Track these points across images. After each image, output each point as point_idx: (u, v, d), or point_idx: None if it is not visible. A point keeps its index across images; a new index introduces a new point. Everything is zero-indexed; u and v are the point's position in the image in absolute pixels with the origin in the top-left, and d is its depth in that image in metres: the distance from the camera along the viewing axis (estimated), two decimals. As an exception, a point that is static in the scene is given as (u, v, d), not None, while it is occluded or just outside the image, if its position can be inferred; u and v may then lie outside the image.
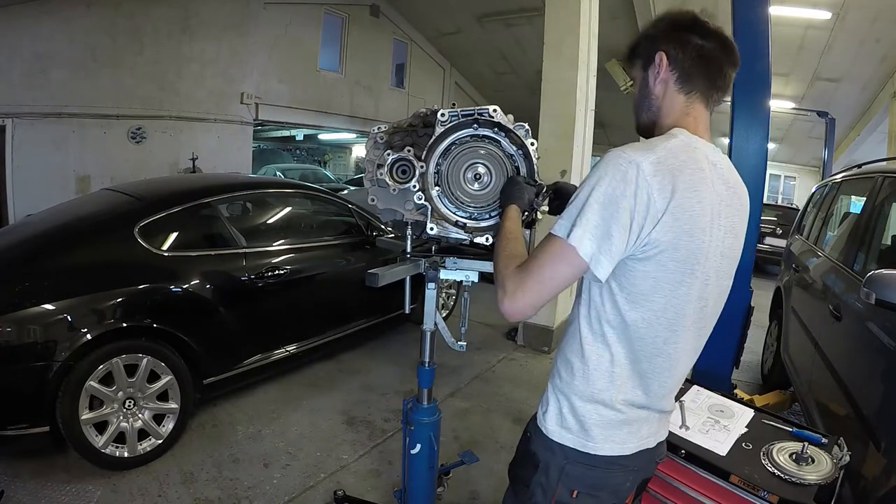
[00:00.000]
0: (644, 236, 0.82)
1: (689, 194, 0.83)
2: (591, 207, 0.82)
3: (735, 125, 2.42)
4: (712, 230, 0.88)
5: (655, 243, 0.83)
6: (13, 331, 2.12)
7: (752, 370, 4.06)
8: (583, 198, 0.84)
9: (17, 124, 6.10)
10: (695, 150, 0.89)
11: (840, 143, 10.12)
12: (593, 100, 4.40)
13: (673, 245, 0.84)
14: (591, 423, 0.93)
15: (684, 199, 0.83)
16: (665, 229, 0.82)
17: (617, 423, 0.93)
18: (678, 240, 0.84)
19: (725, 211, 0.91)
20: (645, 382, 0.93)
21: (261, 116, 8.80)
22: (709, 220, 0.87)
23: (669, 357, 0.93)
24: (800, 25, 7.21)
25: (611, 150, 0.85)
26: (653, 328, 0.89)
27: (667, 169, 0.82)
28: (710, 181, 0.88)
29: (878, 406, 1.75)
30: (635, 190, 0.80)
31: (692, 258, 0.86)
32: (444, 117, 1.32)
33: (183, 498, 2.25)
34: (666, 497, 1.52)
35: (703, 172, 0.87)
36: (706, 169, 0.88)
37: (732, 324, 2.46)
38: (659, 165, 0.82)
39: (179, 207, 2.79)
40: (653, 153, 0.83)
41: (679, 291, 0.88)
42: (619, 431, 0.94)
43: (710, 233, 0.87)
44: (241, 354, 2.89)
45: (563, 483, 0.94)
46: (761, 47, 2.39)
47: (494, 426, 3.01)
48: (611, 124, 12.40)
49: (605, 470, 0.94)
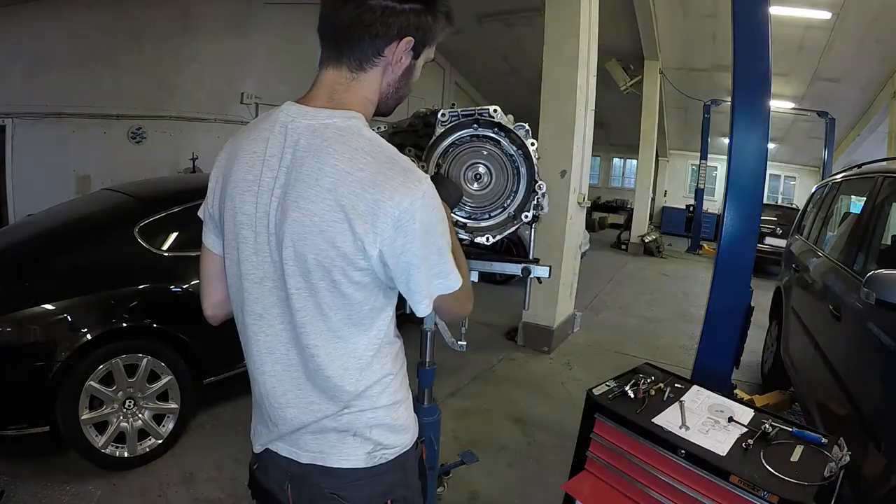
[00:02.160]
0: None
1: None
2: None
3: (735, 125, 2.42)
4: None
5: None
6: (13, 331, 2.13)
7: (752, 370, 4.06)
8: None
9: (17, 124, 6.09)
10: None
11: (840, 143, 10.11)
12: (593, 100, 4.39)
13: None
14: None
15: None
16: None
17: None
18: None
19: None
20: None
21: (261, 116, 8.81)
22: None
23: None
24: (800, 25, 7.20)
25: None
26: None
27: None
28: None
29: (878, 406, 1.76)
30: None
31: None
32: (445, 117, 1.32)
33: (183, 498, 2.25)
34: (666, 497, 1.52)
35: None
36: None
37: (732, 324, 2.46)
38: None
39: (179, 207, 2.79)
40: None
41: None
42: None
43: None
44: (242, 354, 2.88)
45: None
46: (761, 47, 2.39)
47: (494, 426, 3.00)
48: (611, 124, 12.40)
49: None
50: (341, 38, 0.80)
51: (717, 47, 8.27)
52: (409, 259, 0.77)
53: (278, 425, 0.89)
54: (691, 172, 14.30)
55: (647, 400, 1.73)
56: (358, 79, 0.82)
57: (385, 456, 0.89)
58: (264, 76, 8.65)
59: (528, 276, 1.44)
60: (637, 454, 1.60)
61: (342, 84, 0.82)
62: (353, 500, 0.87)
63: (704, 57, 8.94)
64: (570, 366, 4.03)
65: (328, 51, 0.82)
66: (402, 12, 0.78)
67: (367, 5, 0.76)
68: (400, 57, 0.82)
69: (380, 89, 0.84)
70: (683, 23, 8.23)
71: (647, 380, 1.82)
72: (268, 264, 0.82)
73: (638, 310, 5.95)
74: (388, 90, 0.85)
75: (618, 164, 16.41)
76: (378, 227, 0.74)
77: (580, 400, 1.84)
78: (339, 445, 0.87)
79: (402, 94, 0.88)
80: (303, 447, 0.88)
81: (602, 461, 1.71)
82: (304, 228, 0.76)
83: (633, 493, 1.61)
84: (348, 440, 0.86)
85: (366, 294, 0.81)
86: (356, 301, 0.81)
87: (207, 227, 0.95)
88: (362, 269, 0.78)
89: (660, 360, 3.18)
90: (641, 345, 4.69)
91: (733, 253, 2.45)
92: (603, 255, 9.44)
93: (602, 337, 4.82)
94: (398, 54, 0.81)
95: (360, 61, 0.80)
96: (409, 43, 0.80)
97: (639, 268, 8.73)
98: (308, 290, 0.79)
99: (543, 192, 1.34)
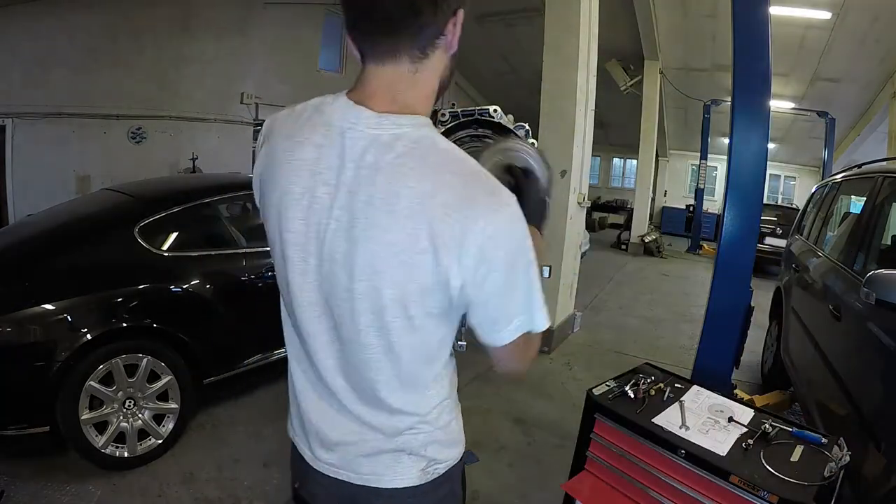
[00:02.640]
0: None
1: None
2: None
3: (735, 125, 2.42)
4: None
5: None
6: (13, 331, 2.13)
7: (752, 370, 4.06)
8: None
9: (17, 124, 6.09)
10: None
11: (840, 143, 10.12)
12: (593, 100, 4.39)
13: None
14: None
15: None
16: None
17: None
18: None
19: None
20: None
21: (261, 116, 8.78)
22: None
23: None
24: (800, 25, 7.20)
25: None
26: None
27: None
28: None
29: (878, 406, 1.76)
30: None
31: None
32: (445, 117, 1.32)
33: (183, 498, 2.25)
34: (666, 497, 1.52)
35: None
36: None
37: (732, 324, 2.46)
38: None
39: (179, 207, 2.80)
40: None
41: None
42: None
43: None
44: (242, 354, 2.89)
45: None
46: (761, 47, 2.39)
47: (494, 426, 3.00)
48: (611, 124, 12.40)
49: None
50: (397, 26, 0.67)
51: (717, 47, 8.28)
52: (492, 288, 0.69)
53: (319, 436, 0.85)
54: (691, 172, 14.30)
55: (647, 400, 1.73)
56: (422, 69, 0.70)
57: (437, 470, 0.85)
58: (264, 76, 8.65)
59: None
60: (637, 454, 1.60)
61: (405, 80, 0.70)
62: None
63: (704, 57, 8.94)
64: (570, 366, 4.03)
65: (380, 45, 0.69)
66: None
67: None
68: (457, 31, 0.71)
69: (441, 75, 0.74)
70: (683, 23, 8.23)
71: (647, 380, 1.82)
72: (314, 289, 0.74)
73: (638, 310, 5.95)
74: (445, 74, 0.75)
75: (618, 164, 16.41)
76: (463, 256, 0.66)
77: (580, 400, 1.84)
78: (393, 466, 0.82)
79: (452, 75, 0.78)
80: (355, 469, 0.83)
81: (602, 461, 1.71)
82: (380, 261, 0.67)
83: (633, 493, 1.61)
84: (403, 459, 0.82)
85: (437, 323, 0.73)
86: (428, 333, 0.74)
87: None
88: (441, 300, 0.70)
89: (660, 360, 3.18)
90: (641, 345, 4.69)
91: (733, 253, 2.46)
92: (603, 255, 9.44)
93: (602, 337, 4.82)
94: (456, 29, 0.71)
95: (423, 48, 0.69)
96: (461, 15, 0.71)
97: (639, 268, 8.73)
98: (379, 329, 0.71)
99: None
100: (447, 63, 0.74)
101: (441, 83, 0.75)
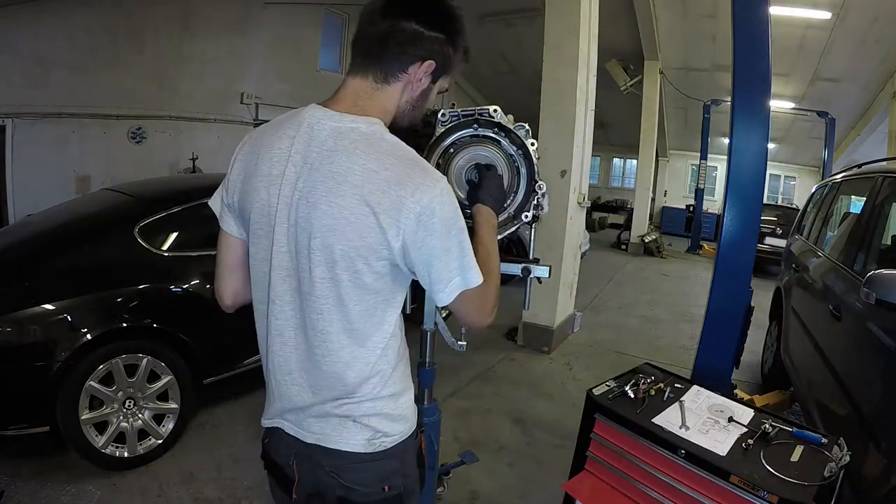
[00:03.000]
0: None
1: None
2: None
3: (735, 125, 2.42)
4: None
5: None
6: (13, 331, 2.13)
7: (752, 370, 4.06)
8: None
9: (17, 124, 6.09)
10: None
11: (840, 143, 10.11)
12: (593, 100, 4.39)
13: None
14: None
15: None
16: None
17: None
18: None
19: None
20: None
21: (261, 116, 8.78)
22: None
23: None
24: (800, 25, 7.20)
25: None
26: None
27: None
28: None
29: (878, 406, 1.76)
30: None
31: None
32: (445, 117, 1.32)
33: (183, 498, 2.25)
34: (666, 497, 1.52)
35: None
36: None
37: (732, 324, 2.46)
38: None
39: (179, 207, 2.79)
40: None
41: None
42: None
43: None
44: (242, 354, 2.89)
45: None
46: (761, 47, 2.39)
47: (494, 426, 3.01)
48: (611, 124, 12.40)
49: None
50: (372, 51, 0.88)
51: (717, 47, 8.28)
52: (430, 251, 0.84)
53: (281, 400, 0.96)
54: (691, 172, 14.30)
55: (647, 400, 1.73)
56: (381, 90, 0.90)
57: (384, 443, 0.94)
58: (264, 76, 8.65)
59: (528, 276, 1.44)
60: (637, 454, 1.60)
61: (366, 93, 0.89)
62: (351, 481, 0.93)
63: (704, 57, 8.94)
64: (570, 366, 4.03)
65: (358, 60, 0.90)
66: (428, 38, 0.88)
67: (400, 26, 0.86)
68: (420, 77, 0.91)
69: (398, 103, 0.92)
70: (683, 23, 8.23)
71: (647, 380, 1.82)
72: (283, 253, 0.88)
73: (638, 310, 5.95)
74: (405, 106, 0.94)
75: (618, 164, 16.41)
76: (401, 220, 0.81)
77: (580, 400, 1.84)
78: (339, 429, 0.92)
79: (417, 114, 0.97)
80: (306, 428, 0.94)
81: (602, 461, 1.71)
82: (334, 221, 0.82)
83: (633, 493, 1.61)
84: (349, 425, 0.92)
85: (383, 284, 0.87)
86: (374, 290, 0.87)
87: (225, 214, 1.00)
88: (384, 258, 0.84)
89: (660, 360, 3.18)
90: (641, 345, 4.69)
91: (733, 253, 2.45)
92: (603, 255, 9.44)
93: (602, 337, 4.82)
94: (419, 74, 0.90)
95: (385, 74, 0.89)
96: (430, 66, 0.90)
97: (639, 268, 8.73)
98: (331, 280, 0.85)
99: (543, 192, 1.34)
100: (408, 98, 0.93)
101: (399, 110, 0.93)
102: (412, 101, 0.94)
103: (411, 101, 0.93)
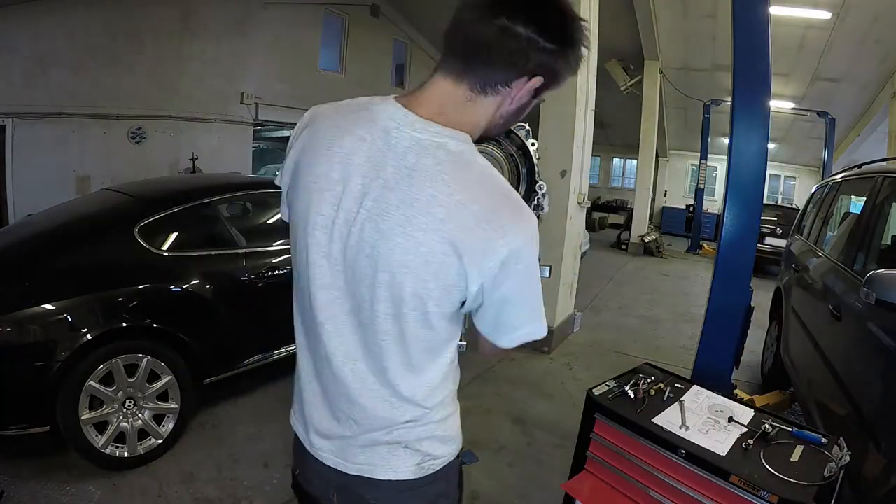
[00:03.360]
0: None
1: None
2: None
3: (735, 125, 2.42)
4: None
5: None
6: (13, 331, 2.12)
7: (752, 370, 4.06)
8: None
9: (17, 124, 6.09)
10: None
11: (840, 143, 10.12)
12: (593, 100, 4.39)
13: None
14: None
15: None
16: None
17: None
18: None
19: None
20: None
21: (261, 116, 8.80)
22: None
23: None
24: (800, 25, 7.21)
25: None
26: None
27: None
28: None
29: (878, 406, 1.76)
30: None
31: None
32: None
33: (183, 498, 2.25)
34: (666, 497, 1.52)
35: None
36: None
37: (732, 324, 2.46)
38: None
39: (179, 207, 2.79)
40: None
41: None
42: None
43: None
44: (242, 354, 2.89)
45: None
46: (761, 47, 2.39)
47: (494, 426, 3.00)
48: (611, 124, 12.40)
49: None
50: (473, 55, 0.72)
51: (717, 47, 8.28)
52: (505, 296, 0.75)
53: (322, 427, 0.87)
54: (691, 172, 14.31)
55: (647, 400, 1.73)
56: (474, 101, 0.75)
57: (432, 467, 0.87)
58: (264, 76, 8.65)
59: (529, 276, 1.43)
60: (637, 454, 1.60)
61: (457, 102, 0.75)
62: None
63: (704, 57, 8.95)
64: (570, 366, 4.03)
65: (452, 62, 0.74)
66: (543, 49, 0.72)
67: (513, 31, 0.69)
68: (523, 93, 0.76)
69: (492, 118, 0.78)
70: (683, 23, 8.23)
71: (647, 380, 1.82)
72: (338, 273, 0.77)
73: (638, 310, 5.95)
74: (498, 121, 0.79)
75: (618, 164, 16.42)
76: (485, 264, 0.71)
77: (580, 400, 1.84)
78: (388, 458, 0.84)
79: (508, 126, 0.85)
80: (350, 458, 0.85)
81: (602, 461, 1.71)
82: (409, 257, 0.71)
83: (633, 492, 1.61)
84: (399, 452, 0.84)
85: (448, 322, 0.78)
86: (439, 330, 0.78)
87: (284, 200, 0.88)
88: (457, 301, 0.75)
89: (660, 360, 3.18)
90: (641, 345, 4.69)
91: (733, 253, 2.46)
92: (603, 255, 9.44)
93: (602, 337, 4.82)
94: (523, 91, 0.75)
95: (484, 85, 0.74)
96: (538, 82, 0.75)
97: (639, 268, 8.73)
98: (395, 318, 0.75)
99: (544, 192, 1.35)
100: (502, 113, 0.78)
101: (488, 125, 0.79)
102: (506, 116, 0.79)
103: (506, 115, 0.79)
